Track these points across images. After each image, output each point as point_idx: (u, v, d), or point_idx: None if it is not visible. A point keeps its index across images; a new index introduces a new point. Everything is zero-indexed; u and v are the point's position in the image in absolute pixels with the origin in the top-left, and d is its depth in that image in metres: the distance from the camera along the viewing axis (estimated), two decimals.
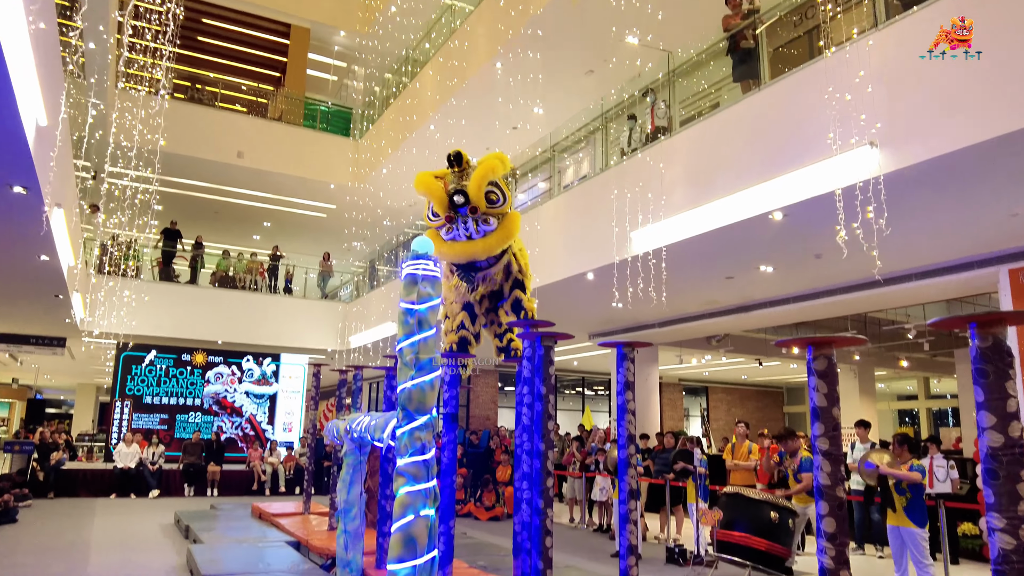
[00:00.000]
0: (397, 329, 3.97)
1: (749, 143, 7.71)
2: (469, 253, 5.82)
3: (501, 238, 5.86)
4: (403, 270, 4.05)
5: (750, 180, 7.43)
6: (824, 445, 2.96)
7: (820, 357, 3.03)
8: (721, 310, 12.34)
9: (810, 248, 8.58)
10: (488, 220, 5.80)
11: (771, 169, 7.19)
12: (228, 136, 16.51)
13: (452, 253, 5.84)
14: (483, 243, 5.81)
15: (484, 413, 21.49)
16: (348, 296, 21.81)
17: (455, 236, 5.78)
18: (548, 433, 4.55)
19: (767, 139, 7.42)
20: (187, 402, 18.15)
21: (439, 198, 5.81)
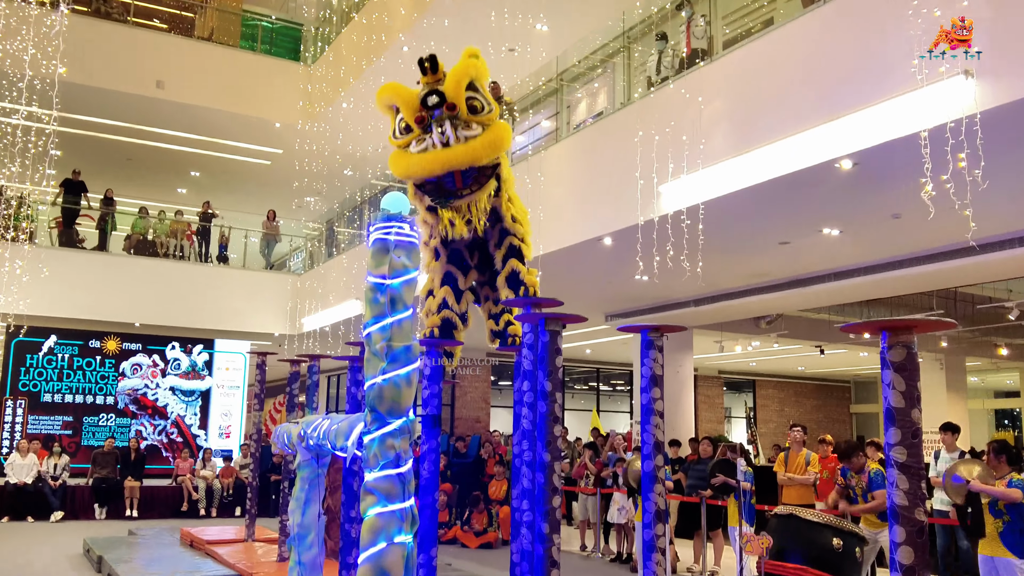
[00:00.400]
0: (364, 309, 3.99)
1: (810, 71, 7.67)
2: (443, 160, 5.74)
3: (487, 144, 5.82)
4: (371, 235, 4.07)
5: (811, 119, 7.42)
6: (901, 456, 3.00)
7: (897, 345, 3.06)
8: (772, 284, 12.38)
9: (886, 206, 8.58)
10: (470, 125, 5.78)
11: (838, 105, 7.17)
12: (144, 61, 16.35)
13: (422, 164, 5.77)
14: (465, 147, 5.76)
15: (473, 414, 21.63)
16: (300, 266, 21.81)
17: (427, 146, 5.75)
18: (554, 440, 4.60)
19: (833, 66, 7.39)
20: (97, 401, 18.22)
21: (407, 100, 5.79)
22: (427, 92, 5.76)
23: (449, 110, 5.72)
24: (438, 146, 5.74)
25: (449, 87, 5.75)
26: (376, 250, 4.04)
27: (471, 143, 5.78)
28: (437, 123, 5.71)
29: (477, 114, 5.84)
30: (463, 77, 5.79)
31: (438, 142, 5.73)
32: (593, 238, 10.30)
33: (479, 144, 5.79)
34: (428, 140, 5.76)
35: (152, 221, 18.96)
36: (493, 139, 5.86)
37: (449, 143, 5.75)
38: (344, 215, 21.17)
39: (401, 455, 3.84)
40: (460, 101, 5.75)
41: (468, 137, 5.78)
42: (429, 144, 5.75)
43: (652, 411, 4.58)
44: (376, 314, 4.02)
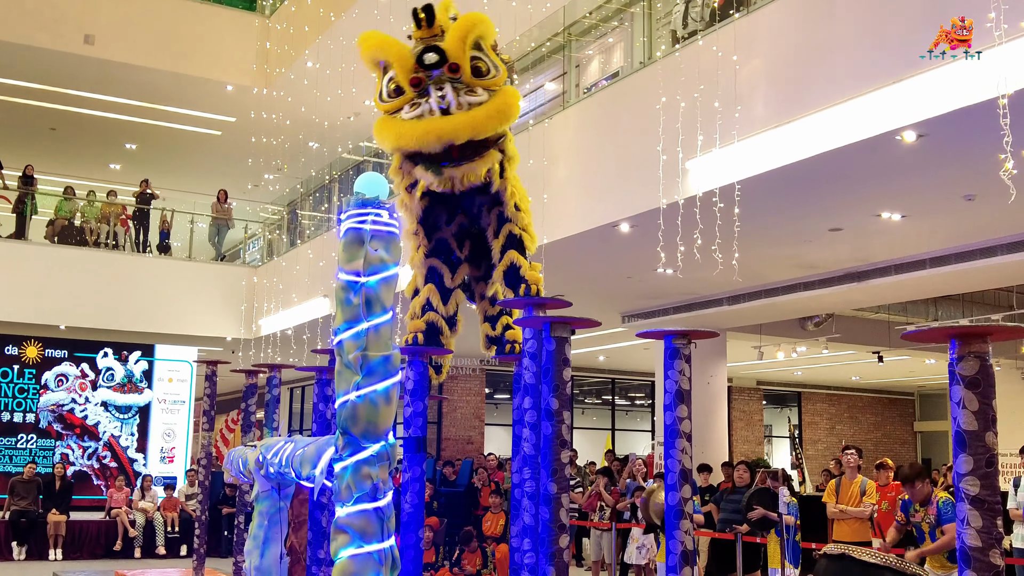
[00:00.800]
0: (334, 311, 4.01)
1: (868, 25, 7.67)
2: (441, 130, 5.76)
3: (493, 112, 5.87)
4: (342, 223, 4.09)
5: (868, 82, 7.42)
6: (973, 488, 3.01)
7: (969, 356, 3.08)
8: (822, 278, 12.41)
9: (958, 185, 8.59)
10: (474, 90, 5.82)
11: (900, 66, 7.17)
12: (70, 12, 16.33)
13: (415, 134, 5.79)
14: (468, 116, 5.78)
15: (464, 434, 21.69)
16: (257, 257, 21.81)
17: (423, 112, 5.78)
18: (562, 468, 4.62)
19: (895, 19, 7.39)
20: (14, 419, 18.21)
21: (401, 57, 5.81)
22: (424, 48, 5.77)
23: (451, 71, 5.76)
24: (436, 112, 5.77)
25: (451, 44, 5.78)
26: (348, 241, 4.06)
27: (474, 111, 5.80)
28: (436, 85, 5.74)
29: (482, 77, 5.89)
30: (467, 33, 5.82)
31: (436, 108, 5.76)
32: (607, 224, 10.30)
33: (484, 113, 5.82)
34: (424, 105, 5.79)
35: (80, 203, 18.94)
36: (500, 106, 5.90)
37: (449, 110, 5.77)
38: (309, 196, 21.16)
39: (379, 486, 3.86)
40: (464, 61, 5.78)
41: (471, 104, 5.81)
42: (425, 110, 5.79)
43: (678, 433, 4.60)
44: (349, 318, 4.03)
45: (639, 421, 26.58)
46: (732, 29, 9.00)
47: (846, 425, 27.41)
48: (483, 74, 5.90)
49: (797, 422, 26.49)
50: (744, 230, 8.93)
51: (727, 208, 8.71)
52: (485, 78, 5.91)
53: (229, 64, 17.32)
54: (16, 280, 17.34)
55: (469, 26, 5.90)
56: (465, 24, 5.92)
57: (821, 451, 26.20)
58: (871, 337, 17.85)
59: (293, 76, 16.39)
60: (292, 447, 5.30)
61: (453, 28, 5.93)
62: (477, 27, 5.92)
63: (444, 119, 5.76)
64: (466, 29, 5.87)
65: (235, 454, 6.81)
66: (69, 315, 17.70)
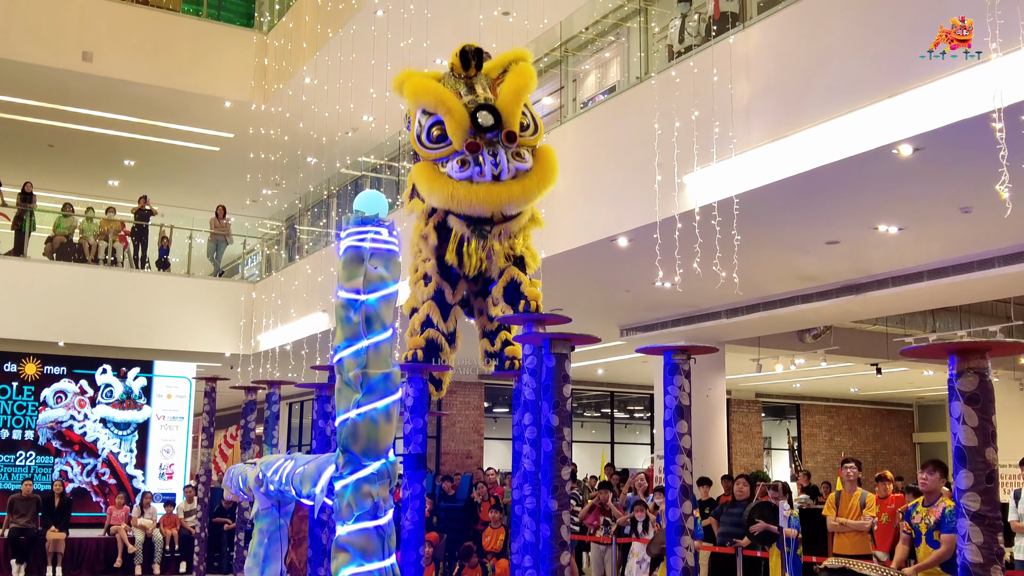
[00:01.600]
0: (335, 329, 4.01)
1: (863, 40, 7.70)
2: (500, 200, 5.94)
3: (543, 179, 6.04)
4: (341, 241, 4.09)
5: (864, 96, 7.44)
6: (973, 504, 3.02)
7: (968, 372, 3.08)
8: (820, 290, 12.41)
9: (954, 198, 8.60)
10: (522, 154, 5.90)
11: (896, 79, 7.20)
12: (69, 29, 16.37)
13: (471, 200, 5.93)
14: (521, 187, 5.96)
15: (463, 448, 21.64)
16: (255, 273, 21.81)
17: (473, 174, 5.85)
18: (563, 485, 4.62)
19: (890, 34, 7.42)
20: (13, 436, 18.17)
21: (457, 114, 5.87)
22: (479, 106, 5.81)
23: (508, 140, 5.88)
24: (487, 177, 5.88)
25: (506, 105, 5.91)
26: (348, 259, 4.06)
27: (526, 182, 5.98)
28: (489, 148, 5.80)
29: (523, 133, 6.01)
30: (521, 94, 5.95)
31: (488, 174, 5.87)
32: (605, 238, 10.30)
33: (535, 183, 6.01)
34: (475, 167, 5.89)
35: (78, 220, 18.93)
36: (547, 174, 6.07)
37: (501, 176, 5.90)
38: (308, 212, 21.17)
39: (379, 504, 3.85)
40: (518, 127, 5.91)
41: (519, 170, 5.95)
42: (476, 173, 5.89)
43: (678, 448, 4.60)
44: (349, 336, 4.03)
45: (638, 434, 26.54)
46: (728, 44, 9.03)
47: (845, 437, 27.38)
48: (524, 129, 6.02)
49: (796, 434, 26.46)
50: (742, 243, 8.95)
51: (725, 222, 8.73)
52: (526, 134, 6.04)
53: (227, 80, 17.36)
54: (15, 297, 17.32)
55: (522, 85, 6.03)
56: (519, 83, 6.02)
57: (820, 463, 26.15)
58: (869, 349, 17.84)
59: (291, 92, 16.42)
60: (292, 465, 5.29)
61: (509, 87, 6.03)
62: (530, 86, 6.10)
63: (498, 187, 5.92)
64: (520, 89, 6.00)
65: (235, 471, 6.79)
66: (68, 332, 17.68)
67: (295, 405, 25.17)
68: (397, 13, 12.84)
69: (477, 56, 6.10)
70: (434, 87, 6.13)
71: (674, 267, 9.50)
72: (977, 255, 10.43)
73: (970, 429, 3.06)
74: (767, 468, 25.49)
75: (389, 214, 4.87)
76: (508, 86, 6.07)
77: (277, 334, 17.85)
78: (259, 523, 6.24)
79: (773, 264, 11.29)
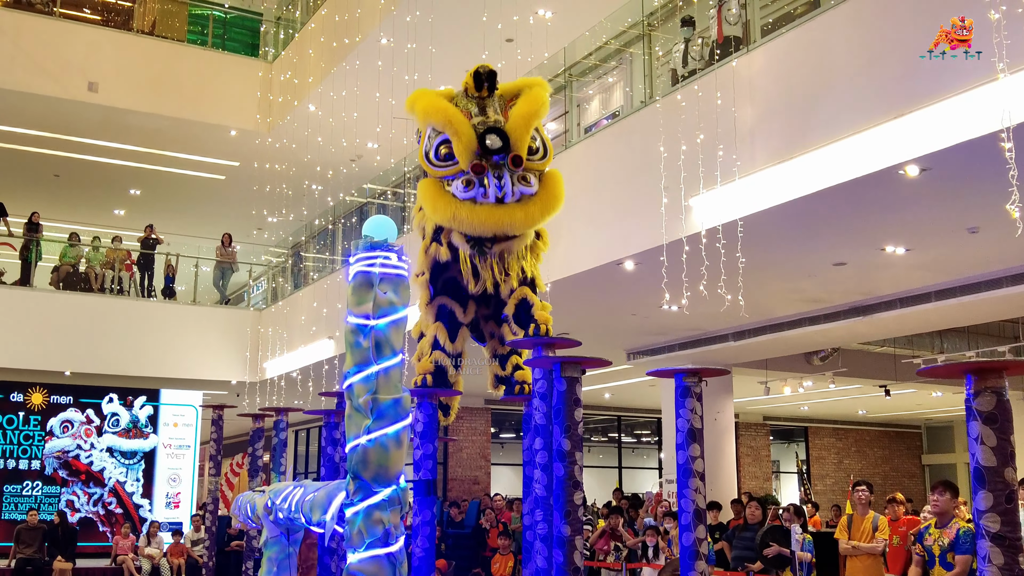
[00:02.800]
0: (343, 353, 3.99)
1: (868, 61, 7.70)
2: (502, 223, 5.97)
3: (546, 205, 6.06)
4: (351, 267, 4.08)
5: (869, 117, 7.44)
6: (993, 525, 2.98)
7: (985, 391, 3.05)
8: (827, 312, 12.38)
9: (961, 219, 8.59)
10: (527, 178, 5.94)
11: (901, 100, 7.20)
12: (74, 60, 16.47)
13: (472, 221, 5.95)
14: (524, 211, 5.99)
15: (470, 474, 21.55)
16: (260, 300, 21.81)
17: (477, 195, 5.86)
18: (575, 510, 4.58)
19: (895, 54, 7.43)
20: (20, 466, 18.14)
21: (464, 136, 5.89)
22: (487, 128, 5.87)
23: (514, 164, 5.91)
24: (491, 199, 5.92)
25: (515, 129, 5.94)
26: (357, 285, 4.06)
27: (530, 207, 6.01)
28: (495, 171, 5.85)
29: (532, 157, 6.04)
30: (532, 119, 5.97)
31: (492, 196, 5.91)
32: (612, 262, 10.29)
33: (538, 209, 6.04)
34: (480, 189, 5.92)
35: (84, 249, 18.97)
36: (551, 199, 6.10)
37: (505, 199, 5.93)
38: (313, 237, 21.21)
39: (390, 531, 3.83)
40: (525, 151, 5.94)
41: (523, 194, 5.98)
42: (480, 194, 5.92)
43: (691, 472, 4.56)
44: (359, 361, 4.03)
45: (646, 459, 26.43)
46: (732, 68, 9.05)
47: (854, 459, 27.25)
48: (533, 153, 6.05)
49: (804, 457, 26.34)
50: (748, 266, 8.93)
51: (731, 244, 8.72)
52: (535, 158, 6.08)
53: (232, 109, 17.42)
54: (21, 327, 17.33)
55: (534, 111, 6.06)
56: (531, 109, 6.06)
57: (830, 486, 26.02)
58: (877, 371, 17.78)
59: (296, 121, 16.47)
60: (301, 492, 5.27)
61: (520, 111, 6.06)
62: (541, 112, 6.11)
63: (501, 209, 5.95)
64: (531, 115, 6.02)
65: (243, 500, 6.76)
66: (74, 361, 17.68)
67: (300, 432, 25.12)
68: (401, 40, 12.91)
69: (491, 79, 6.13)
70: (444, 106, 6.16)
71: (681, 290, 9.49)
72: (985, 275, 10.41)
73: (988, 449, 3.03)
74: (776, 491, 25.37)
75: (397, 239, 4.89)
76: (519, 110, 6.10)
77: (283, 361, 17.83)
78: (268, 551, 6.20)
79: (780, 286, 11.27)
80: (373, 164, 16.81)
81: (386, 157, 15.65)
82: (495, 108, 6.15)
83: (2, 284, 17.86)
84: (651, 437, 26.03)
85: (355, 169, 17.44)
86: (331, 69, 14.94)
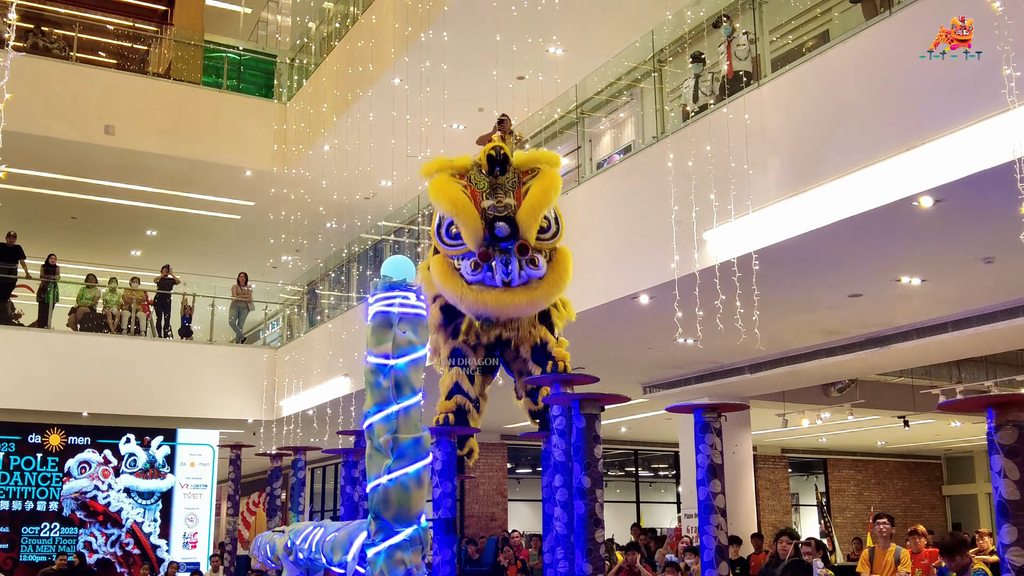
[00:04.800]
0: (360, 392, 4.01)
1: (878, 94, 7.75)
2: (507, 308, 6.11)
3: (551, 289, 6.16)
4: (370, 307, 4.12)
5: (882, 149, 7.47)
6: (1018, 559, 2.97)
7: (1007, 425, 3.05)
8: (844, 343, 12.35)
9: (976, 249, 8.59)
10: (536, 261, 6.01)
11: (913, 132, 7.23)
12: (91, 103, 16.67)
13: (476, 304, 6.08)
14: (527, 295, 6.10)
15: (487, 510, 21.45)
16: (276, 338, 21.87)
17: (484, 278, 5.95)
18: (596, 548, 4.57)
19: (906, 87, 7.47)
20: (37, 507, 18.14)
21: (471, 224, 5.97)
22: (497, 217, 5.94)
23: (520, 253, 5.99)
24: (497, 284, 6.01)
25: (524, 219, 6.00)
26: (377, 325, 4.09)
27: (535, 293, 6.10)
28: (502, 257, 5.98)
29: (542, 235, 6.12)
30: (542, 208, 6.03)
31: (499, 281, 6.01)
32: (626, 296, 10.31)
33: (543, 292, 6.13)
34: (487, 273, 6.03)
35: (101, 290, 19.07)
36: (557, 283, 6.19)
37: (512, 284, 6.02)
38: (328, 275, 21.30)
39: (412, 571, 3.83)
40: (533, 239, 6.01)
41: (531, 277, 6.06)
42: (487, 278, 6.02)
43: (712, 508, 4.55)
44: (379, 401, 4.04)
45: (663, 492, 26.26)
46: (742, 102, 9.10)
47: (873, 491, 27.00)
48: (543, 231, 6.13)
49: (824, 489, 26.13)
50: (763, 298, 8.93)
51: (745, 277, 8.72)
52: (544, 236, 6.15)
53: (247, 150, 17.57)
54: (39, 368, 17.40)
55: (545, 201, 6.10)
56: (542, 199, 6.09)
57: (850, 519, 25.78)
58: (896, 402, 17.67)
59: (310, 160, 16.62)
60: (322, 532, 5.27)
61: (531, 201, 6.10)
62: (553, 198, 6.15)
63: (506, 294, 6.05)
64: (541, 205, 6.07)
65: (263, 540, 6.76)
66: (91, 402, 17.72)
67: (317, 470, 25.08)
68: (413, 79, 13.04)
69: (503, 163, 6.17)
70: (452, 194, 6.18)
71: (696, 324, 9.50)
72: (1001, 305, 10.39)
73: (1011, 482, 3.03)
74: (796, 525, 25.15)
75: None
76: (530, 199, 6.14)
77: (299, 399, 17.84)
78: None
79: (796, 318, 11.26)
80: (386, 201, 16.91)
81: (400, 195, 15.73)
82: (505, 189, 6.19)
83: (20, 326, 17.96)
84: (668, 471, 25.87)
85: (369, 207, 17.54)
86: (344, 109, 15.08)
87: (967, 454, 27.38)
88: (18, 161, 16.64)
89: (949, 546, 7.74)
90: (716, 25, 10.55)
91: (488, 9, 11.77)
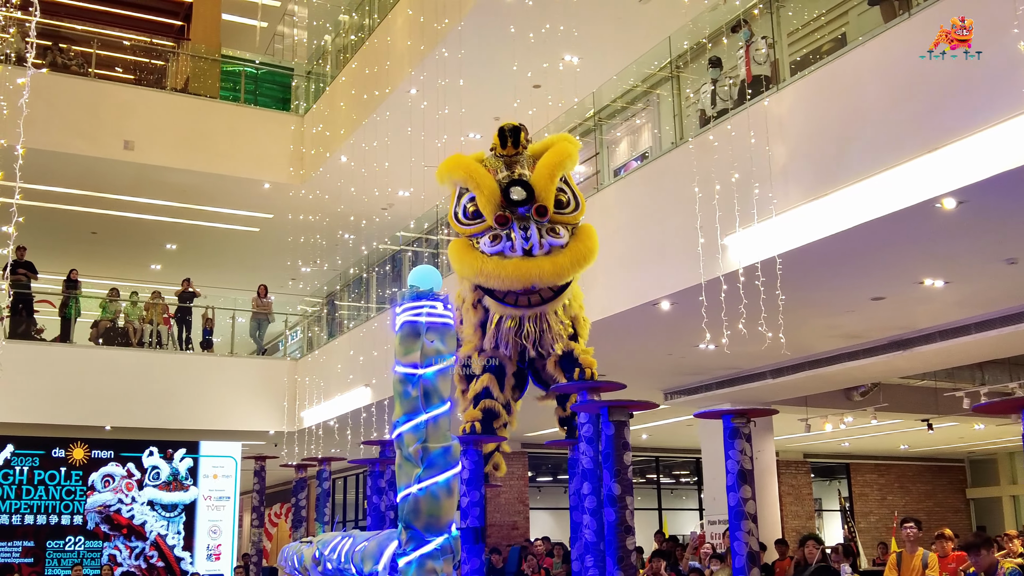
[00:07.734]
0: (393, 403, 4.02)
1: (899, 96, 7.73)
2: (530, 275, 5.87)
3: (576, 260, 5.98)
4: (398, 316, 4.13)
5: (903, 152, 7.45)
6: None
7: None
8: (866, 347, 12.30)
9: (999, 250, 8.55)
10: (557, 230, 5.87)
11: (935, 134, 7.20)
12: (109, 119, 16.77)
13: (499, 275, 5.89)
14: (551, 263, 5.88)
15: (509, 519, 21.39)
16: (296, 349, 21.94)
17: (504, 248, 5.84)
18: (627, 556, 4.56)
19: (927, 88, 7.44)
20: (62, 521, 18.21)
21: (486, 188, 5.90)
22: (511, 181, 5.85)
23: (538, 214, 5.85)
24: (518, 252, 5.86)
25: (539, 180, 5.90)
26: (405, 334, 4.10)
27: (559, 259, 5.91)
28: (520, 223, 5.82)
29: (562, 210, 5.96)
30: (556, 169, 5.94)
31: (519, 248, 5.85)
32: (648, 302, 10.30)
33: (567, 260, 5.95)
34: (506, 242, 5.89)
35: (122, 304, 19.17)
36: (583, 252, 6.04)
37: (533, 251, 5.85)
38: (347, 286, 21.36)
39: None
40: (550, 201, 5.86)
41: (552, 246, 5.90)
42: (507, 247, 5.88)
43: (743, 514, 4.53)
44: (408, 410, 4.06)
45: (685, 499, 26.15)
46: (762, 107, 9.09)
47: (897, 495, 26.82)
48: (563, 207, 6.01)
49: (847, 494, 25.96)
50: (786, 303, 8.91)
51: (769, 282, 8.71)
52: (565, 211, 6.03)
53: (266, 163, 17.64)
54: (62, 383, 17.49)
55: (558, 161, 6.03)
56: (555, 160, 6.02)
57: (873, 523, 25.60)
58: (919, 405, 17.56)
59: (328, 172, 16.67)
60: (351, 542, 5.28)
61: (543, 162, 6.03)
62: (566, 163, 6.04)
63: (528, 262, 5.87)
64: (555, 165, 5.98)
65: (290, 551, 6.78)
66: (114, 416, 17.80)
67: (339, 480, 25.10)
68: (430, 90, 13.07)
69: (514, 134, 6.13)
70: (466, 163, 6.18)
71: (720, 329, 9.48)
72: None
73: None
74: (819, 530, 24.99)
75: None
76: (543, 162, 6.09)
77: (320, 410, 17.88)
78: None
79: (818, 322, 11.21)
80: (405, 211, 16.95)
81: (418, 205, 15.77)
82: (522, 164, 6.16)
83: (42, 341, 18.07)
84: (690, 477, 25.77)
85: (387, 217, 17.58)
86: (362, 120, 15.14)
87: (991, 457, 27.16)
88: (38, 177, 16.76)
89: (973, 544, 7.71)
90: (735, 30, 10.55)
91: (503, 16, 11.80)
